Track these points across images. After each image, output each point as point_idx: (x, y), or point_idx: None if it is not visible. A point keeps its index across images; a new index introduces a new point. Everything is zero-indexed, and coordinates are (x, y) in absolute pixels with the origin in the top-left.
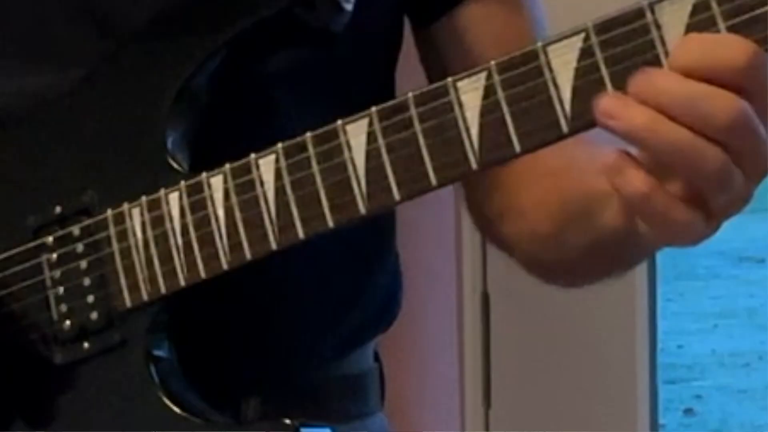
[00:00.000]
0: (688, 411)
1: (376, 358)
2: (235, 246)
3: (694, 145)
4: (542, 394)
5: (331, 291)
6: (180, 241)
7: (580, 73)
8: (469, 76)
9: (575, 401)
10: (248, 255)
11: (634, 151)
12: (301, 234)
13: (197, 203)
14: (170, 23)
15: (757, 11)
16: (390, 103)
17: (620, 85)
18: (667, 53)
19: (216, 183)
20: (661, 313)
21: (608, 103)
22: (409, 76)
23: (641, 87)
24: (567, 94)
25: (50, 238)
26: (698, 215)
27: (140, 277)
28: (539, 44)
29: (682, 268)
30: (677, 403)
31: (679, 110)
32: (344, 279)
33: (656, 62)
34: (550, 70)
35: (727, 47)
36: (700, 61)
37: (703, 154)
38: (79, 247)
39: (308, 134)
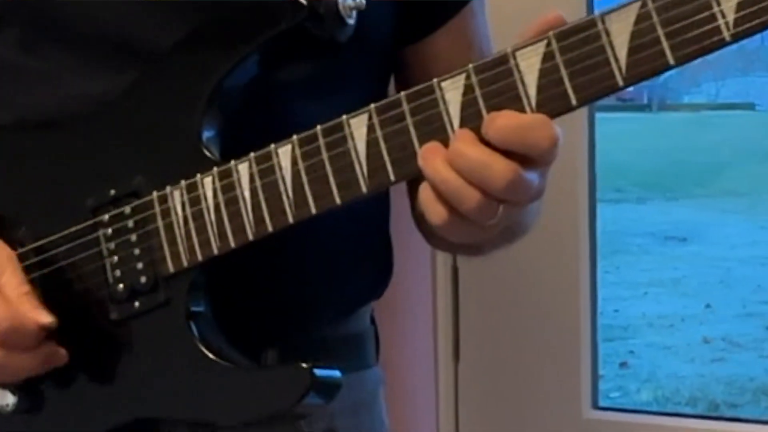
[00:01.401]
0: (623, 364)
1: (372, 321)
2: (259, 221)
3: (460, 190)
4: (502, 351)
5: (338, 261)
6: (213, 217)
7: (543, 73)
8: (452, 77)
9: (530, 356)
10: (270, 228)
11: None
12: (313, 210)
13: (227, 186)
14: (203, 37)
15: (691, 19)
16: (386, 100)
17: (578, 83)
18: (617, 59)
19: (243, 169)
20: (601, 283)
21: (426, 148)
22: None
23: (455, 147)
24: (533, 91)
25: (106, 216)
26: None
27: (181, 247)
28: (509, 49)
29: (617, 246)
30: (614, 357)
31: (466, 174)
32: (349, 252)
33: (607, 64)
34: (519, 71)
35: (540, 131)
36: (506, 140)
37: (464, 196)
38: (130, 223)
39: (318, 127)
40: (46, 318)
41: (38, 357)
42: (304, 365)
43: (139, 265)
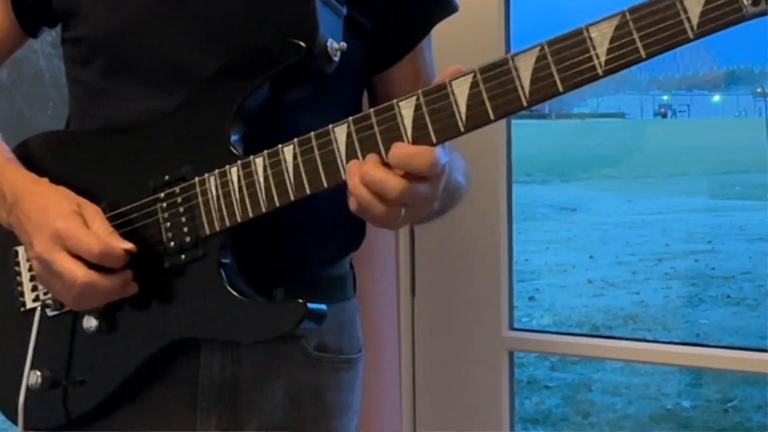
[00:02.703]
0: (530, 298)
1: (351, 266)
2: (269, 198)
3: (370, 201)
4: (446, 288)
5: (326, 225)
6: (237, 196)
7: (471, 97)
8: (406, 98)
9: (465, 292)
10: (277, 203)
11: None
12: (308, 191)
13: (247, 173)
14: (231, 69)
15: (576, 59)
16: (360, 114)
17: (495, 104)
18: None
19: (259, 161)
20: (515, 240)
21: (348, 168)
22: None
23: (362, 169)
24: (463, 109)
25: (162, 194)
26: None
27: (214, 216)
28: (447, 80)
29: (527, 214)
30: (524, 293)
31: (371, 187)
32: (334, 218)
33: (516, 91)
34: (453, 95)
35: (419, 157)
36: (400, 164)
37: (372, 206)
38: (179, 199)
39: (312, 133)
40: (127, 244)
41: (120, 278)
42: (301, 301)
43: (185, 229)
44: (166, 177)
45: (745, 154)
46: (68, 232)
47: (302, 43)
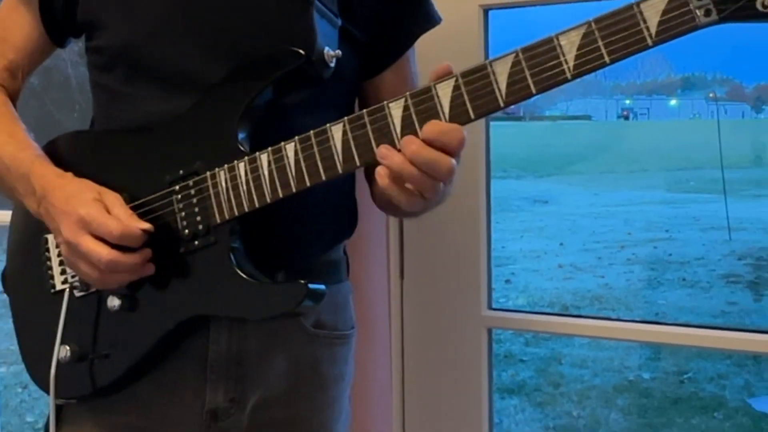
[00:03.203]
0: (507, 281)
1: (344, 252)
2: (273, 190)
3: (420, 179)
4: (432, 272)
5: (323, 214)
6: (245, 188)
7: (453, 99)
8: (395, 100)
9: (449, 275)
10: (280, 195)
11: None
12: (308, 183)
13: (254, 168)
14: (238, 75)
15: (546, 65)
16: (354, 114)
17: (475, 105)
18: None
19: (263, 157)
20: (493, 229)
21: (382, 152)
22: None
23: (405, 146)
24: (447, 109)
25: (177, 187)
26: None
27: (224, 206)
28: (431, 83)
29: (504, 206)
30: (501, 277)
31: (424, 165)
32: (329, 208)
33: (493, 93)
34: (438, 97)
35: (451, 133)
36: (436, 140)
37: (423, 183)
38: (192, 192)
39: (311, 131)
40: (144, 225)
41: (140, 256)
42: (303, 281)
43: (198, 218)
44: (181, 171)
45: (698, 152)
46: (91, 217)
47: (301, 51)
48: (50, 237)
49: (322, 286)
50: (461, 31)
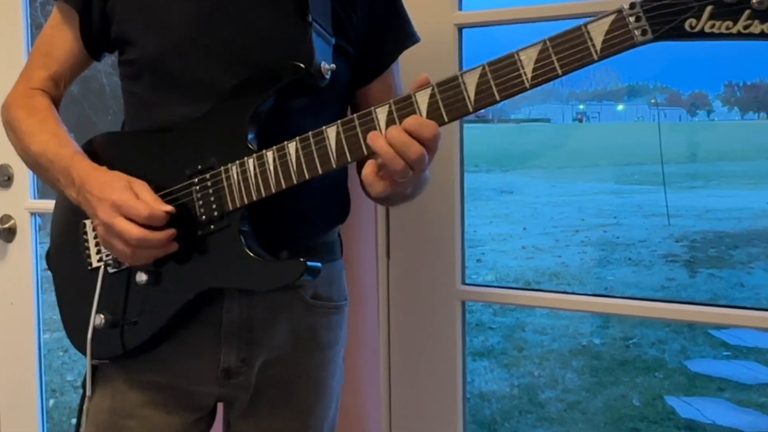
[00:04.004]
0: (478, 260)
1: (338, 235)
2: (277, 182)
3: (393, 158)
4: (413, 252)
5: (320, 202)
6: (253, 180)
7: (430, 105)
8: (381, 106)
9: (429, 255)
10: (283, 186)
11: None
12: (307, 176)
13: (261, 164)
14: (247, 84)
15: (508, 76)
16: (346, 118)
17: (448, 110)
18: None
19: (269, 155)
20: (466, 215)
21: (370, 135)
22: None
23: (387, 131)
24: (425, 113)
25: (195, 179)
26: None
27: (236, 196)
28: (412, 92)
29: (476, 195)
30: (473, 257)
31: (398, 147)
32: (326, 197)
33: (464, 100)
34: (417, 104)
35: (427, 127)
36: (414, 130)
37: (394, 162)
38: (209, 183)
39: (309, 132)
40: (168, 207)
41: (165, 234)
42: (302, 259)
43: (213, 206)
44: (199, 166)
45: (642, 150)
46: (122, 202)
47: (302, 65)
48: (87, 222)
49: (318, 264)
50: (438, 46)
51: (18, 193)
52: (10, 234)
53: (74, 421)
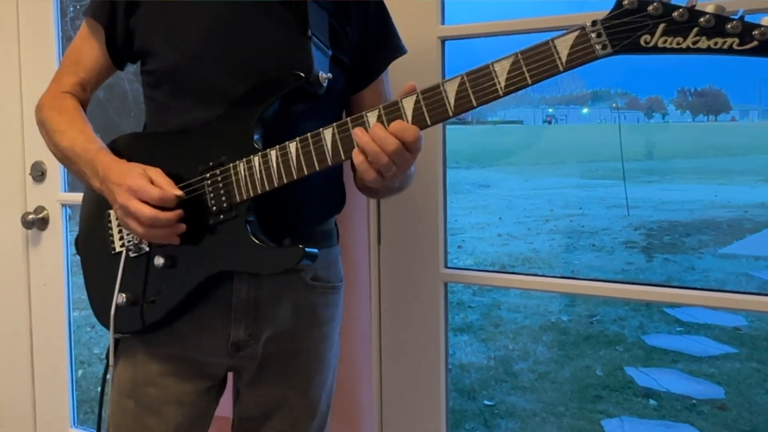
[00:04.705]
0: (459, 246)
1: (335, 224)
2: (279, 177)
3: (376, 152)
4: (402, 239)
5: (318, 194)
6: (258, 176)
7: (414, 110)
8: (372, 110)
9: (416, 240)
10: (285, 181)
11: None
12: (305, 172)
13: (265, 161)
14: (254, 92)
15: (484, 84)
16: (341, 121)
17: (431, 114)
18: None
19: (273, 153)
20: (448, 206)
21: (355, 132)
22: None
23: (372, 129)
24: (410, 117)
25: (207, 174)
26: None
27: (243, 189)
28: (399, 98)
29: (457, 189)
30: (455, 243)
31: (379, 142)
32: (323, 189)
33: (444, 106)
34: (403, 108)
35: (409, 130)
36: (397, 133)
37: (378, 155)
38: (219, 178)
39: (308, 134)
40: (178, 191)
41: (174, 215)
42: (301, 246)
43: (223, 198)
44: (210, 163)
45: (603, 149)
46: (137, 186)
47: (302, 74)
48: (111, 212)
49: (316, 250)
50: (424, 57)
51: (50, 186)
52: (43, 223)
53: (99, 389)
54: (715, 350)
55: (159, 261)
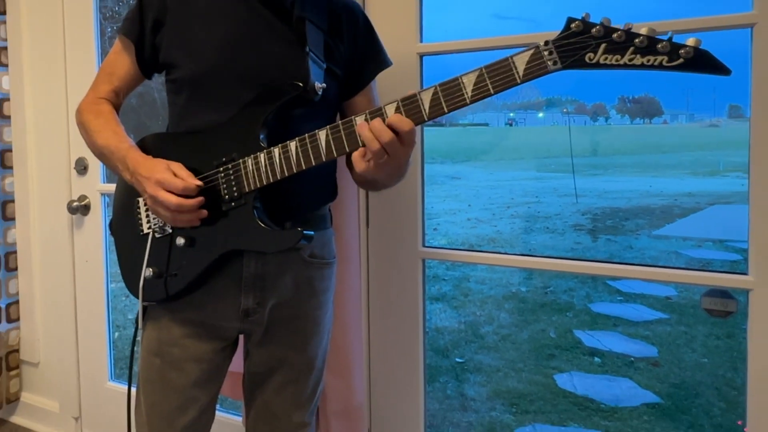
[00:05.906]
0: (435, 229)
1: (329, 209)
2: (282, 171)
3: (372, 141)
4: (388, 223)
5: (315, 184)
6: (264, 170)
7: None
8: (359, 115)
9: (383, 225)
10: (286, 174)
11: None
12: (303, 167)
13: (269, 158)
14: (259, 99)
15: (456, 93)
16: (333, 124)
17: (410, 117)
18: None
19: (276, 150)
20: (426, 195)
21: (359, 125)
22: None
23: (371, 122)
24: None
25: (221, 168)
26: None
27: (251, 180)
28: (383, 105)
29: (433, 180)
30: (431, 226)
31: (377, 134)
32: (320, 180)
33: (420, 111)
34: (386, 114)
35: (404, 121)
36: (394, 123)
37: (373, 144)
38: (231, 172)
39: (306, 134)
40: (198, 182)
41: (197, 201)
42: (299, 229)
43: (234, 188)
44: (223, 159)
45: (556, 147)
46: (164, 179)
47: (300, 84)
48: (139, 199)
49: (312, 232)
50: (405, 70)
51: (92, 178)
52: (86, 209)
53: (131, 348)
54: (649, 316)
55: (180, 241)
